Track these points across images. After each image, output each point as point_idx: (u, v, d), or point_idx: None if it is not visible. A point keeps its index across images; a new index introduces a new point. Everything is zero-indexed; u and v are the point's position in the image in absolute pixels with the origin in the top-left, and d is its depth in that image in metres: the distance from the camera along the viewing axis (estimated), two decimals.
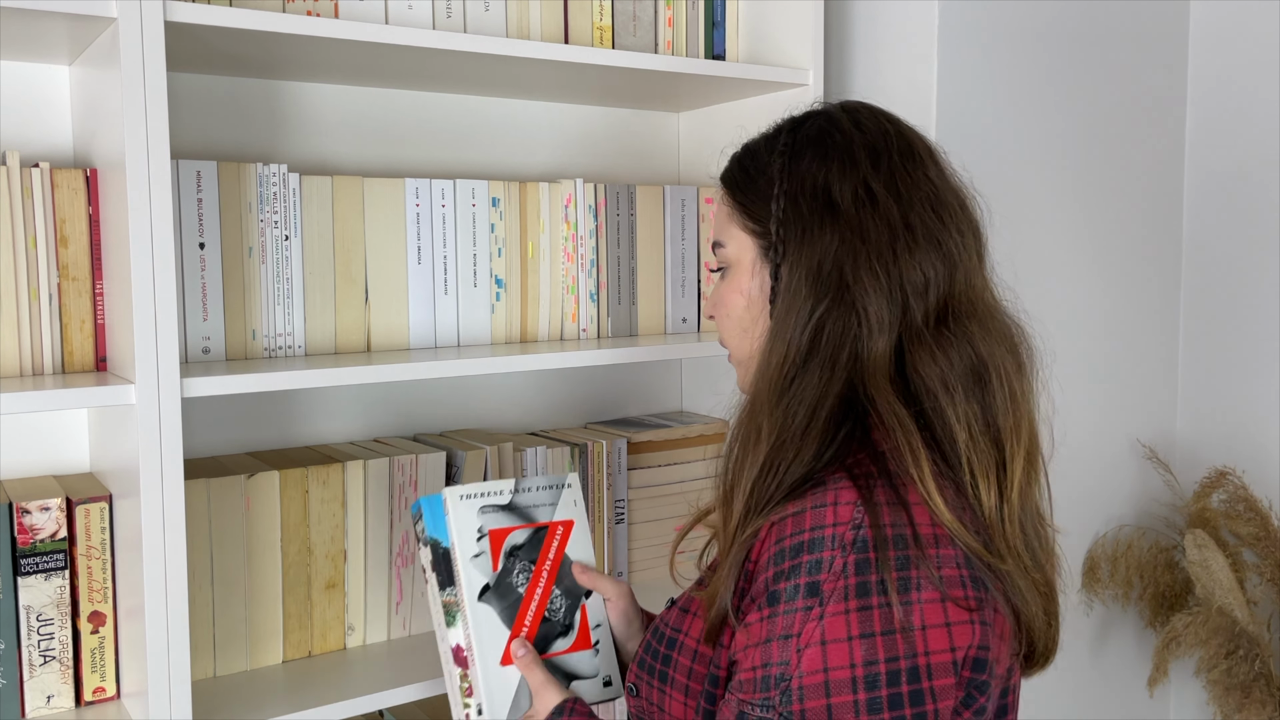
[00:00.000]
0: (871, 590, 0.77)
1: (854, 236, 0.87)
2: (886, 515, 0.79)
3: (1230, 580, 1.72)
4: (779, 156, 0.93)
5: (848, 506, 0.79)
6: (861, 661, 0.76)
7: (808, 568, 0.78)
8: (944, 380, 0.84)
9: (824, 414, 0.84)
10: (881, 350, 0.85)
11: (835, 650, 0.76)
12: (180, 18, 1.06)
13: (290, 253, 1.27)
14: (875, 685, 0.76)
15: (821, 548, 0.79)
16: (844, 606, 0.77)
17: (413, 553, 1.37)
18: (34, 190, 1.12)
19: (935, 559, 0.79)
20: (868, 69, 1.71)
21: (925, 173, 0.91)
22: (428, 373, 1.23)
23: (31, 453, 1.29)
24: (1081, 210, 1.85)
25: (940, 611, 0.78)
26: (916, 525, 0.79)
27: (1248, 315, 1.94)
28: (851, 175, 0.89)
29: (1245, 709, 1.71)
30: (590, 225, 1.49)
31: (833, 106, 0.96)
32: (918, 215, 0.88)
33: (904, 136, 0.93)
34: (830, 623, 0.77)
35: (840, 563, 0.78)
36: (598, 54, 1.35)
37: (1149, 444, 1.99)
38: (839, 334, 0.85)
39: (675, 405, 1.82)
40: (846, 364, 0.85)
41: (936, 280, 0.87)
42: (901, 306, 0.86)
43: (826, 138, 0.92)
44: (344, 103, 1.48)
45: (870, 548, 0.78)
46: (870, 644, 0.76)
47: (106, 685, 1.18)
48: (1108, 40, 1.85)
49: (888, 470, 0.82)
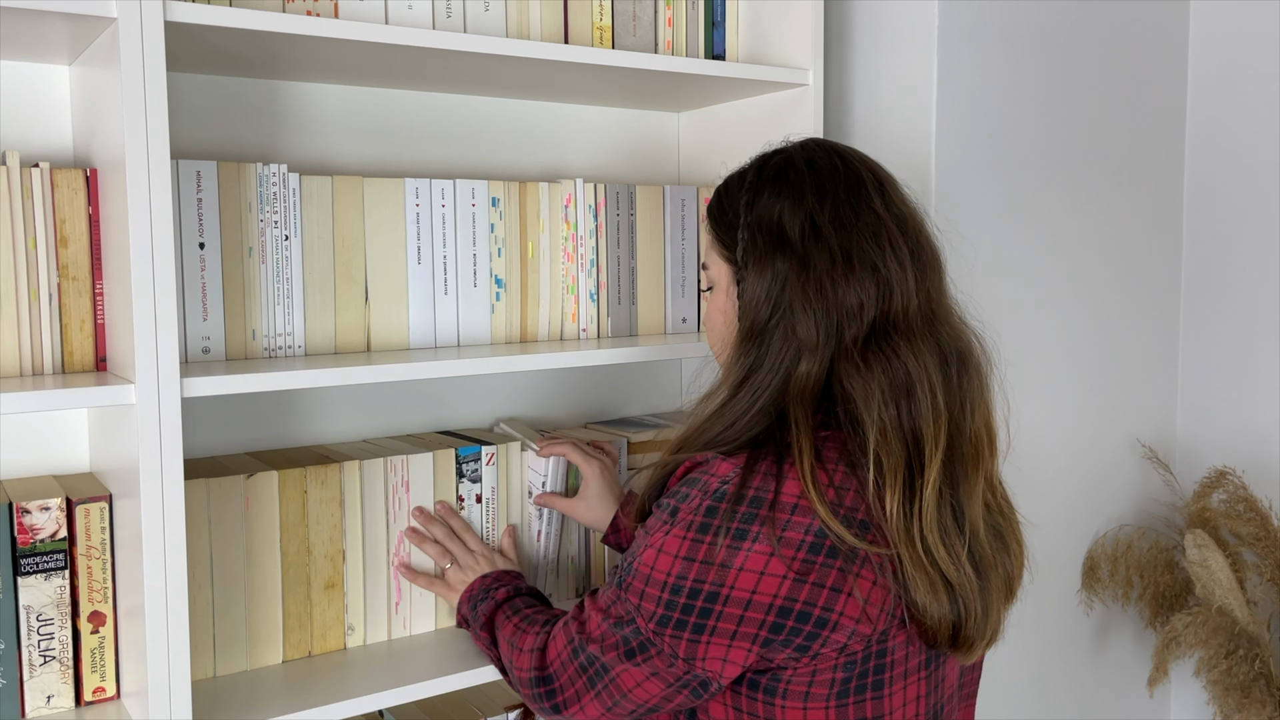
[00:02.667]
0: (709, 530, 0.96)
1: (799, 266, 1.01)
2: (756, 480, 0.96)
3: (1230, 580, 1.72)
4: (745, 192, 1.07)
5: (731, 466, 0.98)
6: (675, 574, 0.97)
7: (680, 497, 1.00)
8: (864, 391, 0.98)
9: (753, 414, 1.01)
10: (806, 370, 1.00)
11: (663, 558, 0.98)
12: (180, 18, 1.06)
13: (290, 253, 1.27)
14: (677, 593, 0.96)
15: (694, 486, 0.99)
16: (683, 533, 0.97)
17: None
18: (34, 190, 1.12)
19: (784, 522, 0.94)
20: (868, 69, 1.71)
21: (869, 204, 1.04)
22: (428, 373, 1.23)
23: (31, 453, 1.29)
24: (1081, 210, 1.85)
25: (762, 561, 0.94)
26: (780, 494, 0.95)
27: (1248, 315, 1.94)
28: (800, 210, 1.03)
29: (1245, 709, 1.71)
30: (590, 225, 1.49)
31: (794, 146, 1.10)
32: (856, 244, 1.01)
33: (852, 172, 1.05)
34: (669, 540, 0.98)
35: (698, 502, 0.98)
36: (598, 54, 1.35)
37: (1149, 444, 1.99)
38: (778, 352, 1.01)
39: (675, 405, 1.82)
40: (782, 375, 1.01)
41: (869, 303, 1.00)
42: (836, 328, 1.00)
43: (782, 176, 1.06)
44: (344, 103, 1.48)
45: (725, 500, 0.96)
46: (687, 564, 0.96)
47: (106, 685, 1.18)
48: (1108, 40, 1.85)
49: (781, 455, 0.98)
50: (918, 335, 1.01)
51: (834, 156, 1.07)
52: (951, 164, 1.66)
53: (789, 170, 1.06)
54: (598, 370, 1.72)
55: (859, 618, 0.95)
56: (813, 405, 0.99)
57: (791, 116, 1.55)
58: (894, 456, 0.96)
